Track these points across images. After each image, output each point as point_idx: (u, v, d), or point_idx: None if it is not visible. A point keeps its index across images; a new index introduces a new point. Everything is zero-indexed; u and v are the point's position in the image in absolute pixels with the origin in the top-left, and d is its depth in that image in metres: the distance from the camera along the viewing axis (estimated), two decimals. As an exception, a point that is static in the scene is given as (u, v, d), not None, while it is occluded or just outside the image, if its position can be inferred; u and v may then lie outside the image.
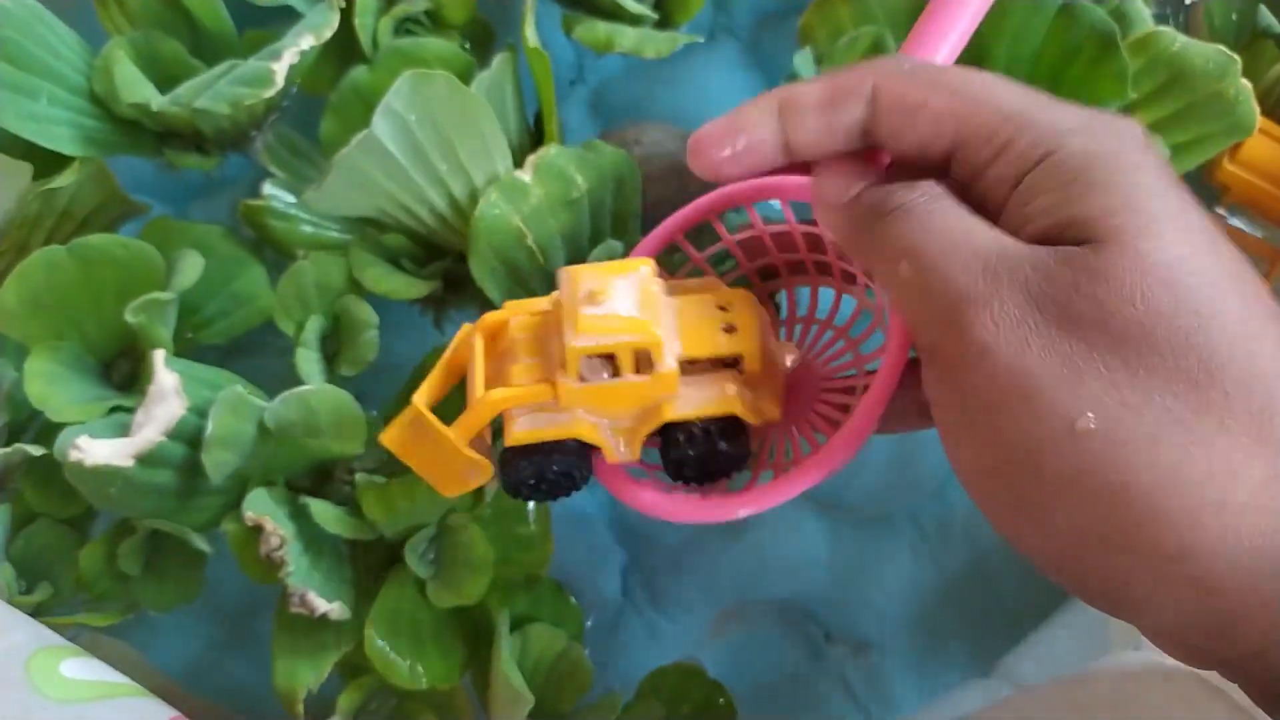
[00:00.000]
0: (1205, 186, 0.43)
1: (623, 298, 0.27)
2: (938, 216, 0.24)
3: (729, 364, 0.29)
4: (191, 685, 0.43)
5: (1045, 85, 0.37)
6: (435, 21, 0.44)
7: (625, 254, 0.39)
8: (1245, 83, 0.37)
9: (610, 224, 0.40)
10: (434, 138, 0.37)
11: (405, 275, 0.40)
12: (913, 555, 0.46)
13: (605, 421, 0.28)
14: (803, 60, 0.39)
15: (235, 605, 0.44)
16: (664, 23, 0.45)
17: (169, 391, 0.35)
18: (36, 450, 0.37)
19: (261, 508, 0.35)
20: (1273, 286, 0.42)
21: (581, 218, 0.39)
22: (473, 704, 0.40)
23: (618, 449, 0.29)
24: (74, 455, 0.33)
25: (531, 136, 0.43)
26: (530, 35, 0.40)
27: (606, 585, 0.45)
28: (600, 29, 0.42)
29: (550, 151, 0.38)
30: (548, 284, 0.39)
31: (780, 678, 0.44)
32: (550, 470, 0.28)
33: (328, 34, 0.40)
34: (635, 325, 0.27)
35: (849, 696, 0.44)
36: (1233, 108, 0.37)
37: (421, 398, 0.29)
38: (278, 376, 0.39)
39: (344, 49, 0.42)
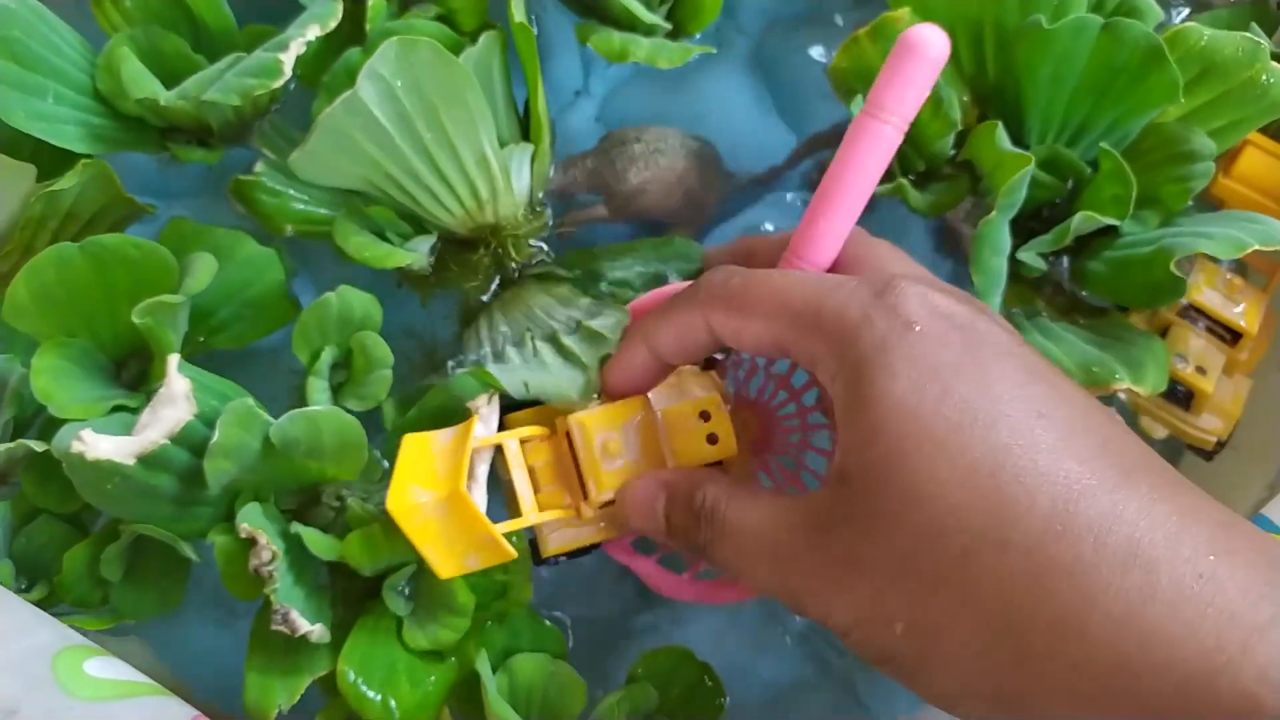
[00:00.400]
0: (1201, 200, 0.44)
1: (629, 448, 0.35)
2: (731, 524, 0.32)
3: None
4: (204, 684, 0.43)
5: (1092, 101, 0.39)
6: (448, 26, 0.44)
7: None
8: (1275, 64, 0.39)
9: None
10: (419, 105, 0.38)
11: (387, 245, 0.41)
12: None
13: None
14: (856, 104, 0.41)
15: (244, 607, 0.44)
16: (676, 32, 0.46)
17: (179, 396, 0.35)
18: (40, 446, 0.37)
19: (255, 521, 0.35)
20: (1271, 299, 0.44)
21: None
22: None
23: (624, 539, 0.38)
24: (76, 447, 0.34)
25: (520, 123, 0.45)
26: (516, 11, 0.41)
27: (604, 604, 0.45)
28: (615, 39, 0.43)
29: None
30: None
31: (789, 687, 0.44)
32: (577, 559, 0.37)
33: (333, 24, 0.41)
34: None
35: (858, 706, 0.44)
36: (1266, 91, 0.39)
37: (458, 483, 0.33)
38: (284, 387, 0.40)
39: (346, 41, 0.42)
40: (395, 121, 0.39)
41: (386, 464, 0.40)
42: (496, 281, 0.45)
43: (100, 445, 0.34)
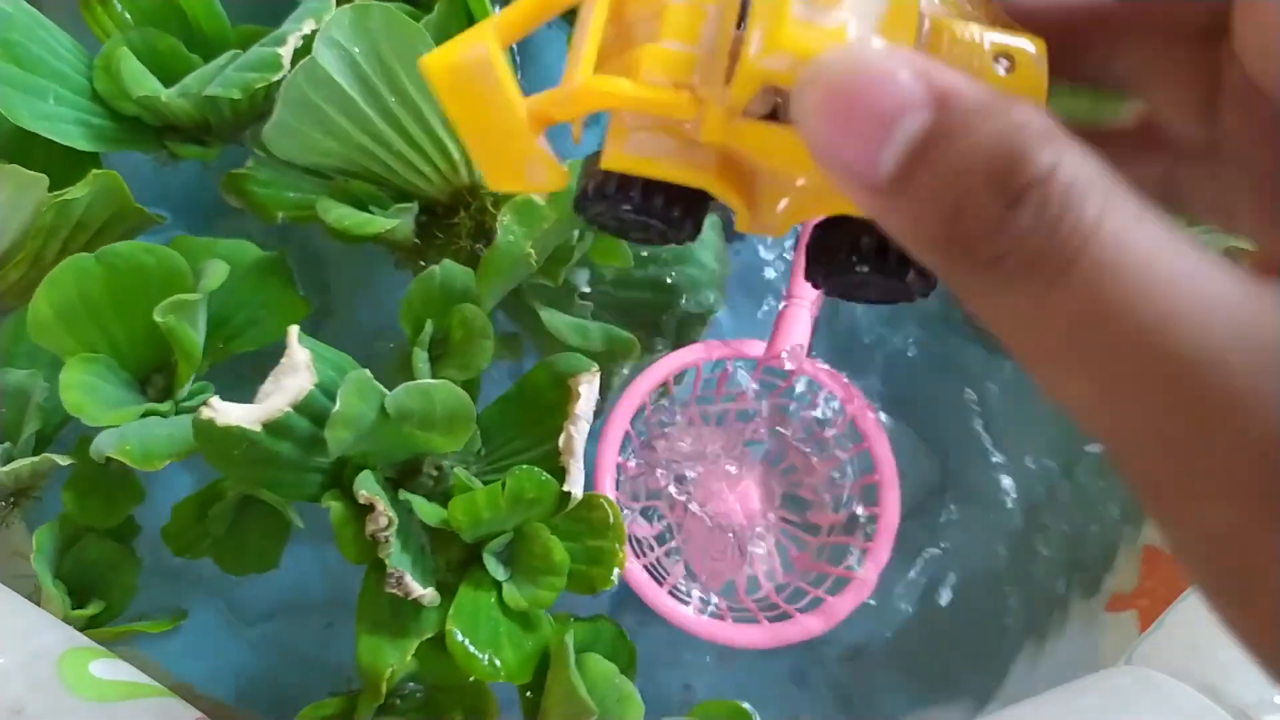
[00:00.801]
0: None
1: (863, 6, 0.17)
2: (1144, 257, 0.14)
3: None
4: (205, 687, 0.45)
5: None
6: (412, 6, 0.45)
7: None
8: None
9: None
10: (379, 69, 0.40)
11: (366, 214, 0.42)
12: (904, 584, 0.50)
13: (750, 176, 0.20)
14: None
15: (255, 609, 0.46)
16: None
17: (300, 365, 0.36)
18: (65, 460, 0.38)
19: (372, 489, 0.37)
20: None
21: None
22: (500, 708, 0.42)
23: (754, 217, 0.20)
24: (206, 414, 0.34)
25: None
26: None
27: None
28: None
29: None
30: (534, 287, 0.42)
31: (777, 683, 0.48)
32: (650, 217, 0.20)
33: (327, 17, 0.41)
34: None
35: (842, 705, 0.47)
36: None
37: (496, 31, 0.19)
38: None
39: None
40: (358, 87, 0.40)
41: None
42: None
43: (231, 412, 0.35)
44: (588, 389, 0.39)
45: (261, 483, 0.37)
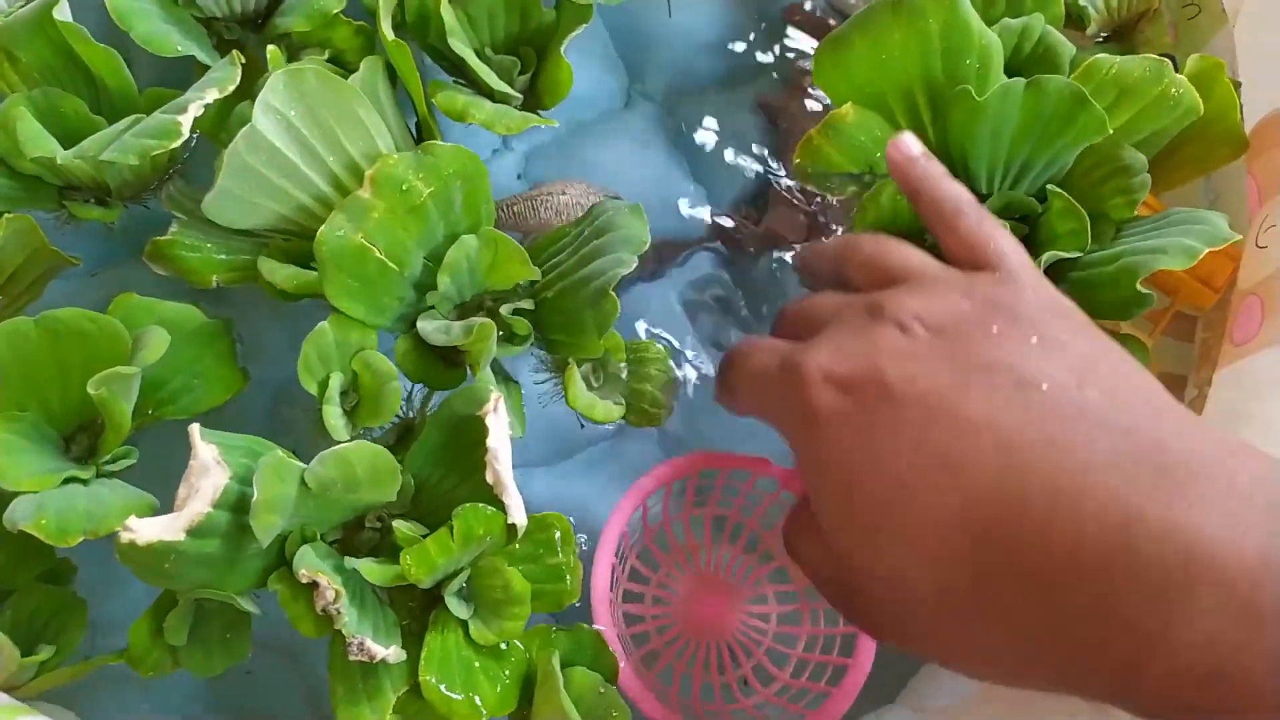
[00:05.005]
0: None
1: None
2: None
3: None
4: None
5: (1030, 146, 0.42)
6: (337, 65, 0.46)
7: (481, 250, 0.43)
8: (1179, 76, 0.42)
9: (463, 219, 0.43)
10: (316, 130, 0.40)
11: (313, 271, 0.41)
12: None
13: None
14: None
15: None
16: (534, 103, 0.48)
17: (210, 463, 0.36)
18: None
19: (312, 564, 0.36)
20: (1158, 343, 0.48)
21: (431, 220, 0.42)
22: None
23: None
24: (125, 536, 0.34)
25: (414, 138, 0.46)
26: (386, 30, 0.42)
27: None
28: (459, 99, 0.44)
29: (386, 163, 0.40)
30: (409, 289, 0.42)
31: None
32: None
33: (231, 88, 0.42)
34: None
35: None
36: (1179, 101, 0.41)
37: None
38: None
39: (241, 99, 0.43)
40: (296, 150, 0.39)
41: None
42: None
43: (148, 529, 0.34)
44: (495, 419, 0.38)
45: (201, 586, 0.37)
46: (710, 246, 0.53)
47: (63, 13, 0.43)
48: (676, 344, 0.52)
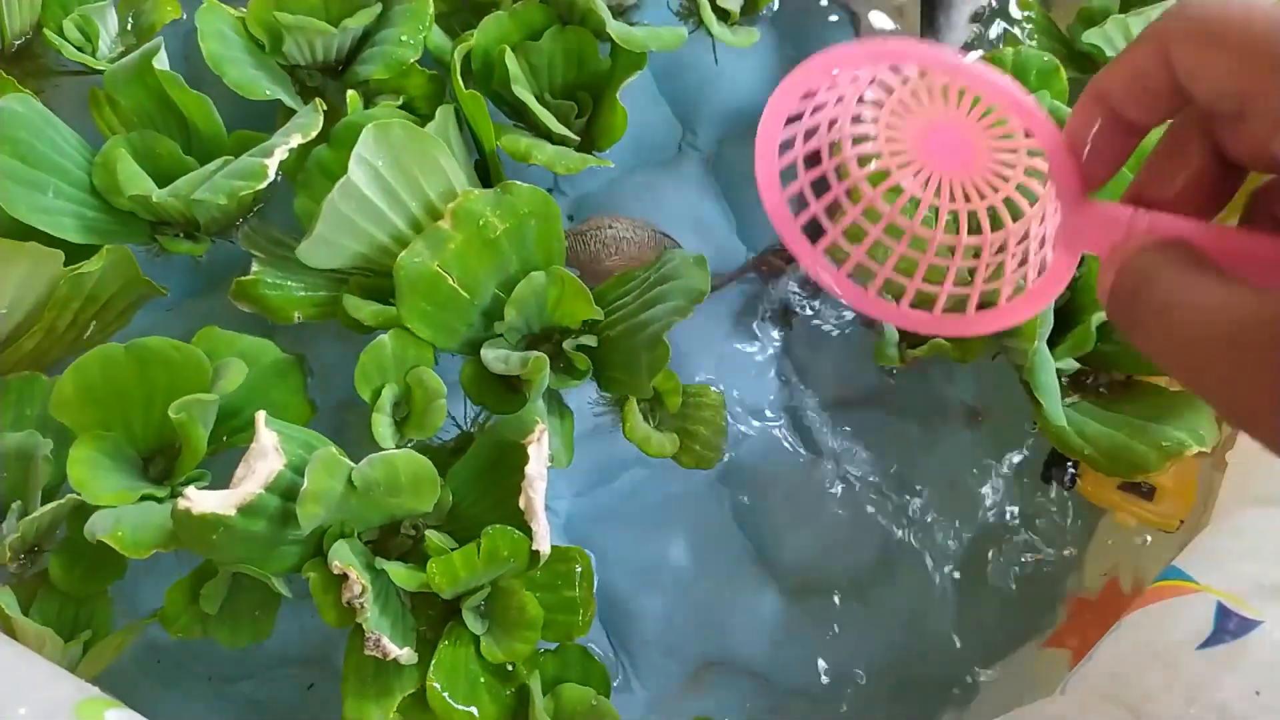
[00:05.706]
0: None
1: None
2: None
3: None
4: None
5: None
6: (409, 112, 0.49)
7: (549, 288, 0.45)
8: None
9: (536, 255, 0.46)
10: (401, 178, 0.43)
11: (391, 306, 0.44)
12: (853, 623, 0.52)
13: None
14: None
15: (228, 669, 0.49)
16: (590, 145, 0.51)
17: (269, 449, 0.38)
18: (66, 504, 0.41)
19: (345, 558, 0.39)
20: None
21: (504, 254, 0.45)
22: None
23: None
24: (182, 504, 0.37)
25: (480, 180, 0.49)
26: (459, 82, 0.46)
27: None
28: (522, 142, 0.48)
29: (468, 198, 0.43)
30: (478, 316, 0.45)
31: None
32: None
33: (314, 133, 0.45)
34: None
35: None
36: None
37: None
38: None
39: (320, 141, 0.46)
40: (382, 196, 0.43)
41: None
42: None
43: (206, 500, 0.37)
44: (535, 449, 0.41)
45: (241, 561, 0.39)
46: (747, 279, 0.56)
47: (161, 61, 0.47)
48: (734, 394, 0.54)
